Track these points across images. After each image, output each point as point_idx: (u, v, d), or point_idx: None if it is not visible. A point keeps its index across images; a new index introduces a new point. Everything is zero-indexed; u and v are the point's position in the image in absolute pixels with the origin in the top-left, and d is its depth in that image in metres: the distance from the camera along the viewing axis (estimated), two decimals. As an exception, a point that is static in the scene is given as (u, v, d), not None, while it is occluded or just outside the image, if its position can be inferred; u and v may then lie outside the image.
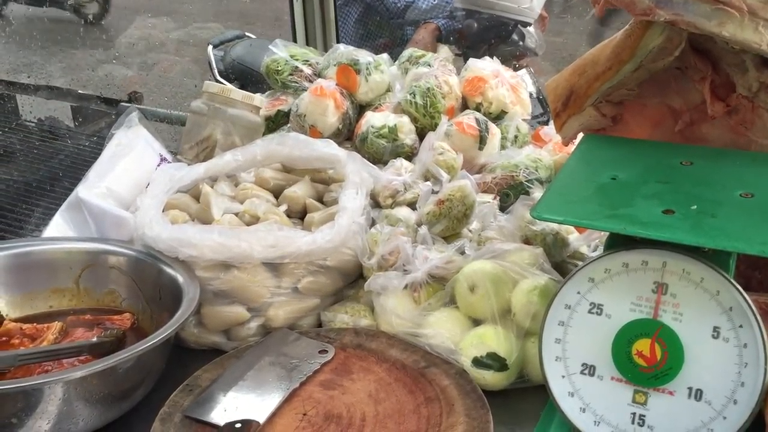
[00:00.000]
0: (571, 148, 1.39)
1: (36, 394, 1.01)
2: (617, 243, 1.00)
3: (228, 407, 1.11)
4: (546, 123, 2.00)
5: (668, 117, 1.25)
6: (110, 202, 1.47)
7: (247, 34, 4.43)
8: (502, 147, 1.65)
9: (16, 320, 1.32)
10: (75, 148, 2.10)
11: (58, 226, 1.48)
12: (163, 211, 1.40)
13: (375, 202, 1.49)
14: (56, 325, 1.29)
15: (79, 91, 2.81)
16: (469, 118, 1.60)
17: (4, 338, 1.27)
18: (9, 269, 1.33)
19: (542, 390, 1.14)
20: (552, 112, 1.30)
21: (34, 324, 1.30)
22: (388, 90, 1.83)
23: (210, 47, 4.22)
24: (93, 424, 1.10)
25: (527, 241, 1.34)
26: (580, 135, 1.28)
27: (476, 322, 1.24)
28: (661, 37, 1.11)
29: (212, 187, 1.50)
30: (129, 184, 1.53)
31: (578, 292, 1.03)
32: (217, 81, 4.04)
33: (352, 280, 1.41)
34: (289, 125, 1.81)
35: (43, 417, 1.03)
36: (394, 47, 3.23)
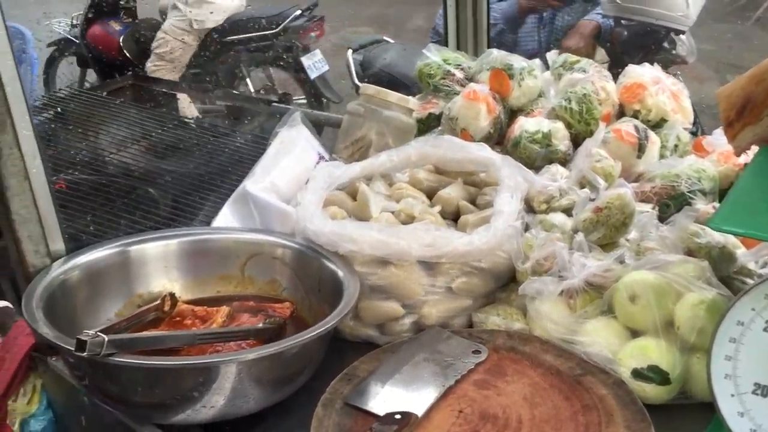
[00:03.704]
0: (744, 159, 1.33)
1: (215, 372, 1.09)
2: (801, 259, 0.95)
3: (386, 398, 1.15)
4: (695, 133, 1.93)
5: None
6: (273, 197, 1.56)
7: (385, 38, 4.52)
8: (661, 156, 1.60)
9: (187, 302, 1.42)
10: (234, 145, 2.24)
11: (225, 216, 1.58)
12: (322, 207, 1.47)
13: (528, 207, 1.48)
14: (224, 309, 1.38)
15: (234, 92, 2.97)
16: (627, 125, 1.57)
17: (177, 318, 1.37)
18: (185, 255, 1.44)
19: (704, 408, 1.11)
20: (724, 120, 1.25)
21: (205, 307, 1.39)
22: (540, 95, 1.82)
23: (349, 51, 4.34)
24: (261, 403, 1.17)
25: (690, 253, 1.29)
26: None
27: (635, 333, 1.21)
28: None
29: (368, 185, 1.55)
30: (290, 179, 1.61)
31: (753, 309, 0.99)
32: (355, 84, 4.14)
33: (503, 283, 1.42)
34: (439, 128, 1.84)
35: (219, 393, 1.10)
36: (542, 53, 3.18)
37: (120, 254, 1.37)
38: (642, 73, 1.68)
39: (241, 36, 4.88)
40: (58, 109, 2.61)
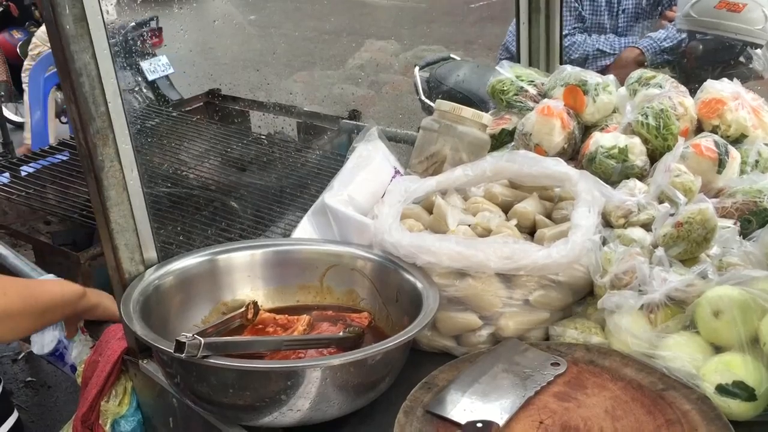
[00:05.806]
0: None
1: (302, 375, 1.13)
2: None
3: (466, 407, 1.17)
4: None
5: None
6: (351, 209, 1.60)
7: (452, 55, 4.56)
8: (742, 172, 1.58)
9: (268, 311, 1.47)
10: (308, 160, 2.30)
11: (305, 228, 1.63)
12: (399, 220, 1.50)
13: (606, 222, 1.49)
14: (305, 318, 1.42)
15: (304, 108, 3.04)
16: (707, 140, 1.56)
17: (260, 326, 1.42)
18: (268, 265, 1.49)
19: (792, 426, 1.09)
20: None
21: (286, 315, 1.44)
22: (614, 111, 1.83)
23: (416, 68, 4.39)
24: (343, 409, 1.20)
25: (775, 269, 1.28)
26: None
27: (717, 349, 1.20)
28: None
29: (443, 199, 1.57)
30: (367, 193, 1.65)
31: None
32: (422, 102, 4.20)
33: (581, 297, 1.42)
34: (512, 144, 1.86)
35: (305, 397, 1.14)
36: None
37: (209, 262, 1.43)
38: (721, 89, 1.67)
39: None
40: (138, 126, 2.73)
